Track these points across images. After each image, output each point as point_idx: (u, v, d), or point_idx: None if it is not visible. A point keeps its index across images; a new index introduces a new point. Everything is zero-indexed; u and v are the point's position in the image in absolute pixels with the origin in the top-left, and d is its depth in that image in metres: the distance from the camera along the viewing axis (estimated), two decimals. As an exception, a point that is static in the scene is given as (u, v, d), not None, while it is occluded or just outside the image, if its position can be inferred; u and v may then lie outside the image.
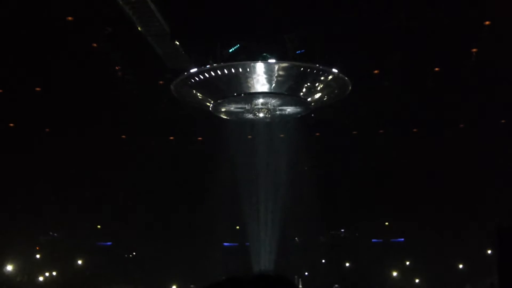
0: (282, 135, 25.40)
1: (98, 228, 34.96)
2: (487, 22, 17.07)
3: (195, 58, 17.27)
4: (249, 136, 25.51)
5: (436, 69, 20.26)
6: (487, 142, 25.40)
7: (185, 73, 17.64)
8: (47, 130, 25.62)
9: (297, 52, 16.94)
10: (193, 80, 17.84)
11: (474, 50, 18.69)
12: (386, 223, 36.15)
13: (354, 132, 26.60)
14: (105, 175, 28.37)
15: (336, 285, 28.78)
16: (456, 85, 21.09)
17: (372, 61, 19.62)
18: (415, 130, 26.26)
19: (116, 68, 19.17)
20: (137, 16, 14.66)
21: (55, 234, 34.83)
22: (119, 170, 28.13)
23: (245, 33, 16.65)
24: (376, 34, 17.35)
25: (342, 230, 37.58)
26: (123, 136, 26.81)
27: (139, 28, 15.47)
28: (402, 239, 36.77)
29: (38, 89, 21.66)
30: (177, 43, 16.45)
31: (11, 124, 24.99)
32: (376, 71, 20.32)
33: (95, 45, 17.85)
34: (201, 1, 15.70)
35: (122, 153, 26.88)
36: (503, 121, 25.14)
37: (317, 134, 26.73)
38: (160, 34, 15.66)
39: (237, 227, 33.46)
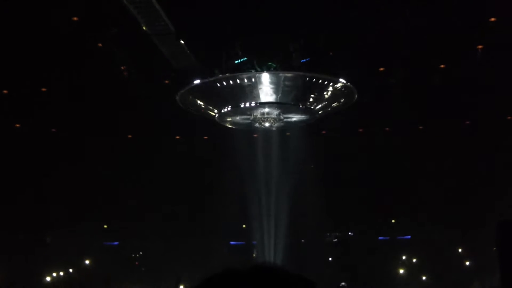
0: (288, 133, 25.38)
1: (105, 228, 35.06)
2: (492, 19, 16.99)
3: (200, 58, 17.27)
4: (255, 135, 25.52)
5: (442, 66, 20.16)
6: (494, 139, 25.32)
7: (191, 84, 17.65)
8: (53, 130, 25.68)
9: (302, 61, 16.83)
10: (197, 90, 17.84)
11: (480, 46, 18.60)
12: (393, 221, 36.10)
13: (360, 130, 26.56)
14: (111, 175, 28.41)
15: (343, 283, 28.73)
16: (462, 82, 20.98)
17: (376, 62, 19.52)
18: (421, 127, 26.17)
19: (122, 68, 19.18)
20: (142, 16, 14.67)
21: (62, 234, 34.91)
22: (126, 170, 28.16)
23: (249, 36, 16.62)
24: (380, 33, 17.28)
25: (349, 228, 37.54)
26: (129, 136, 26.86)
27: (144, 28, 15.48)
28: (409, 237, 36.72)
29: (43, 89, 21.72)
30: (182, 42, 16.44)
31: (17, 125, 25.09)
32: (381, 69, 20.20)
33: (100, 45, 17.87)
34: (206, 1, 15.68)
35: (128, 152, 26.89)
36: (509, 117, 25.05)
37: (323, 132, 26.68)
38: (165, 34, 15.67)
39: (244, 226, 33.51)
